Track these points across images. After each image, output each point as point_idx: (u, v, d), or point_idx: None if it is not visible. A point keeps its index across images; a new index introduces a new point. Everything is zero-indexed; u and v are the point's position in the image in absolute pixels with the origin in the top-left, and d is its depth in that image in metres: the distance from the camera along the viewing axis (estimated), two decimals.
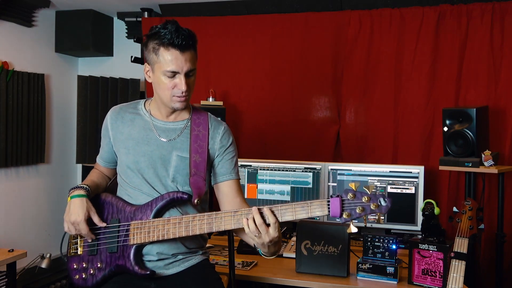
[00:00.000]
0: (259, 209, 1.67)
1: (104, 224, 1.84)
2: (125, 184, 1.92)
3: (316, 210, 1.65)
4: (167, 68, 1.76)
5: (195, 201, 1.82)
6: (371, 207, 1.62)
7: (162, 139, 1.88)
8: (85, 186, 1.88)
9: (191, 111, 1.96)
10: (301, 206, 1.66)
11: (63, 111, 4.27)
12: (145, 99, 2.01)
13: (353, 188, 1.64)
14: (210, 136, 1.90)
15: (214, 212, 1.75)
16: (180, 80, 1.78)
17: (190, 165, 1.84)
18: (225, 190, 1.93)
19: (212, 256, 2.65)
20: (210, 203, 2.07)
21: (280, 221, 1.66)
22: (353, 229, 1.64)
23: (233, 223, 1.71)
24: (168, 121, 1.91)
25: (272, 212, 1.66)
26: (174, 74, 1.77)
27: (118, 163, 1.96)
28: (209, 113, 1.98)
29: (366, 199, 1.62)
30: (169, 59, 1.75)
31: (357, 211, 1.63)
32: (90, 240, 1.87)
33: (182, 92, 1.79)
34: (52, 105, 4.16)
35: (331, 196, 1.65)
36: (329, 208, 1.64)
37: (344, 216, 1.63)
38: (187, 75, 1.79)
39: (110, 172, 2.07)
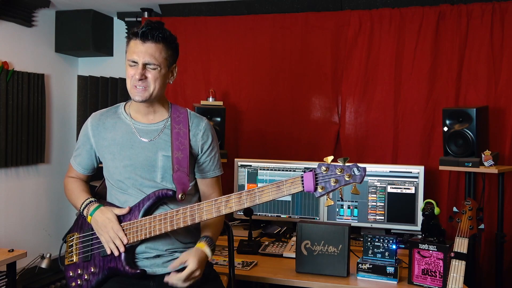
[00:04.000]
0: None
1: (127, 209, 1.85)
2: (113, 188, 1.94)
3: (291, 188, 1.67)
4: (129, 57, 1.83)
5: (179, 196, 1.83)
6: (345, 178, 1.62)
7: (143, 139, 1.90)
8: (91, 199, 1.94)
9: (170, 110, 1.97)
10: (277, 186, 1.68)
11: (63, 111, 4.28)
12: (124, 102, 2.02)
13: (327, 161, 1.64)
14: (191, 133, 1.93)
15: (196, 204, 1.79)
16: (137, 69, 1.81)
17: (173, 162, 1.86)
18: (205, 186, 2.00)
19: (212, 256, 2.65)
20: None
21: (259, 202, 1.70)
22: (330, 202, 1.64)
23: (214, 211, 1.75)
24: (149, 123, 1.93)
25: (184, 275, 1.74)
26: (135, 64, 1.82)
27: (105, 169, 1.98)
28: (188, 110, 2.00)
29: (340, 170, 1.62)
30: (131, 49, 1.82)
31: (331, 183, 1.63)
32: (125, 239, 1.85)
33: (137, 81, 1.81)
34: (52, 105, 4.16)
35: (304, 171, 1.66)
36: (303, 183, 1.65)
37: (318, 189, 1.64)
38: (146, 66, 1.81)
39: (87, 178, 2.10)
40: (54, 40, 4.14)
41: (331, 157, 1.64)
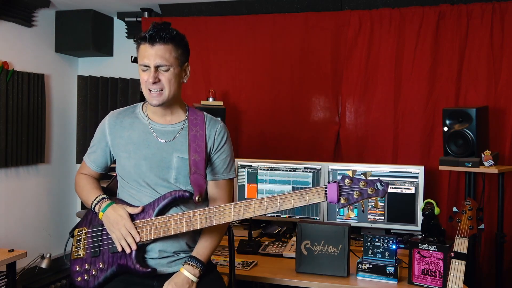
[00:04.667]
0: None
1: (140, 209, 1.85)
2: (126, 185, 1.94)
3: (314, 197, 1.69)
4: (140, 62, 1.83)
5: (196, 198, 1.82)
6: (368, 192, 1.65)
7: (160, 140, 1.90)
8: (103, 196, 1.93)
9: (187, 112, 1.97)
10: (299, 195, 1.70)
11: (63, 111, 4.27)
12: (142, 103, 2.02)
13: (350, 174, 1.67)
14: (207, 135, 1.92)
15: (214, 206, 1.78)
16: (149, 73, 1.80)
17: (190, 164, 1.86)
18: (212, 188, 1.96)
19: (212, 256, 2.64)
20: None
21: (280, 209, 1.72)
22: (351, 214, 1.67)
23: (233, 215, 1.74)
24: (166, 124, 1.93)
25: None
26: (147, 68, 1.81)
27: (119, 167, 1.97)
28: (205, 113, 2.00)
29: (363, 184, 1.65)
30: (142, 53, 1.82)
31: (354, 196, 1.65)
32: (138, 237, 1.83)
33: (151, 84, 1.81)
34: (52, 105, 4.16)
35: (328, 182, 1.68)
36: (326, 194, 1.66)
37: (341, 201, 1.66)
38: (158, 69, 1.81)
39: (99, 176, 2.09)
40: (54, 40, 4.14)
41: (354, 171, 1.67)
